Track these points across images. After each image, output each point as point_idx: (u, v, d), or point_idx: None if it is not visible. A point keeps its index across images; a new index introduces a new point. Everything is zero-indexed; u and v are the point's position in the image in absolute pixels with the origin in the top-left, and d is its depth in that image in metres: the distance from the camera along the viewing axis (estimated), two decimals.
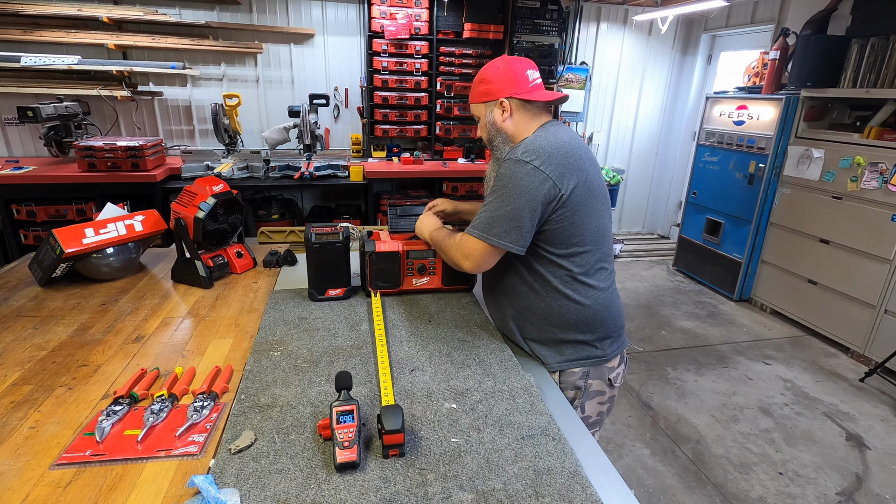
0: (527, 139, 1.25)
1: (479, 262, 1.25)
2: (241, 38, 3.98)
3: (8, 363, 1.16)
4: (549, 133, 1.27)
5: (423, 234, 1.49)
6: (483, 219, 1.22)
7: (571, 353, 1.31)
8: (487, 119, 1.31)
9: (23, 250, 3.25)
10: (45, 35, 3.50)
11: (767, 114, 3.60)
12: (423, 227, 1.49)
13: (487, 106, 1.31)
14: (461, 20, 4.10)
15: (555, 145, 1.22)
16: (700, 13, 4.61)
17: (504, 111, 1.28)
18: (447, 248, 1.34)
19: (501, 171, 1.21)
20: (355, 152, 4.32)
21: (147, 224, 1.72)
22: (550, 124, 1.30)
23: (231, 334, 1.34)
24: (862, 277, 3.10)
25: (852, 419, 2.62)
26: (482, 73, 1.30)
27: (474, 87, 1.33)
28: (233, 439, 0.93)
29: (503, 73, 1.28)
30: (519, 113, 1.29)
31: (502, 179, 1.19)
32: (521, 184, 1.17)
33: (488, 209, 1.22)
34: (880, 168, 2.96)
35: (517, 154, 1.20)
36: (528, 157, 1.18)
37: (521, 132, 1.30)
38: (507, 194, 1.18)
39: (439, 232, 1.43)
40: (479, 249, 1.24)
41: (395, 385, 1.12)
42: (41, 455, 0.89)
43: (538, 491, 0.85)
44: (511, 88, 1.27)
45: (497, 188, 1.20)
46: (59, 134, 3.45)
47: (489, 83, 1.28)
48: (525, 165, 1.17)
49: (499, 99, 1.28)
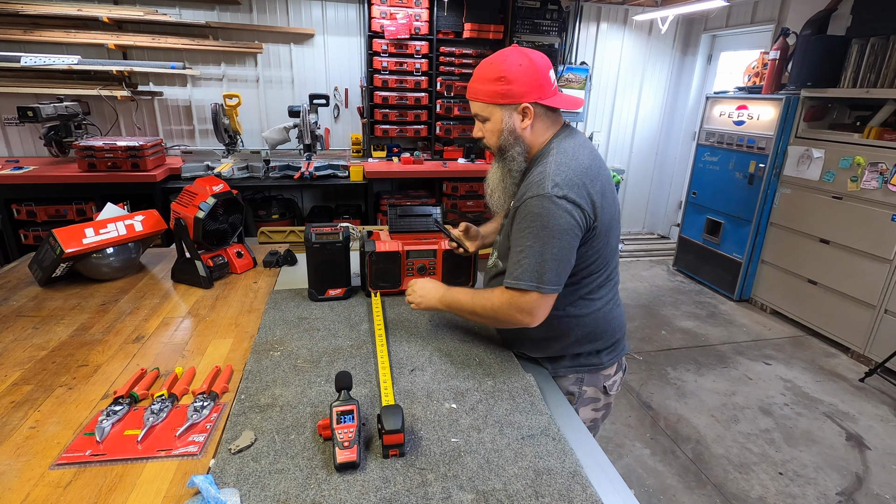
0: (550, 161, 1.12)
1: (540, 313, 1.13)
2: (241, 38, 3.98)
3: (8, 363, 1.16)
4: (569, 150, 1.16)
5: (434, 303, 1.28)
6: (529, 265, 1.08)
7: (567, 362, 1.29)
8: (505, 124, 1.15)
9: (23, 250, 3.25)
10: (45, 35, 3.50)
11: (767, 114, 3.60)
12: (430, 296, 1.29)
13: (504, 109, 1.15)
14: (461, 20, 4.10)
15: (581, 170, 1.12)
16: (700, 13, 4.61)
17: (526, 118, 1.15)
18: (486, 309, 1.17)
19: (532, 208, 1.08)
20: (355, 152, 4.32)
21: (147, 224, 1.72)
22: (566, 135, 1.20)
23: (231, 334, 1.34)
24: (862, 277, 3.10)
25: (852, 419, 2.62)
26: (501, 69, 1.12)
27: (488, 85, 1.14)
28: (233, 439, 0.93)
29: (528, 73, 1.12)
30: (540, 121, 1.17)
31: (538, 219, 1.07)
32: (561, 222, 1.07)
33: (531, 254, 1.08)
34: (880, 168, 2.96)
35: (546, 188, 1.07)
36: (560, 192, 1.07)
37: (538, 142, 1.19)
38: (549, 235, 1.07)
39: (458, 294, 1.25)
40: (538, 301, 1.10)
41: (395, 385, 1.12)
42: (41, 455, 0.89)
43: (538, 491, 0.85)
44: (536, 92, 1.13)
45: (533, 228, 1.08)
46: (59, 134, 3.45)
47: (510, 83, 1.11)
48: (560, 202, 1.06)
49: (522, 104, 1.13)
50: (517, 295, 1.11)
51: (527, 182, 1.14)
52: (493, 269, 1.34)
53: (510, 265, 1.13)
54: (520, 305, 1.11)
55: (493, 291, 1.18)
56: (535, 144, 1.20)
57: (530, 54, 1.14)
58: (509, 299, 1.12)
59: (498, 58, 1.14)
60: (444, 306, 1.27)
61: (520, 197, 1.14)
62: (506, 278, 1.13)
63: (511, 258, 1.13)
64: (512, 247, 1.14)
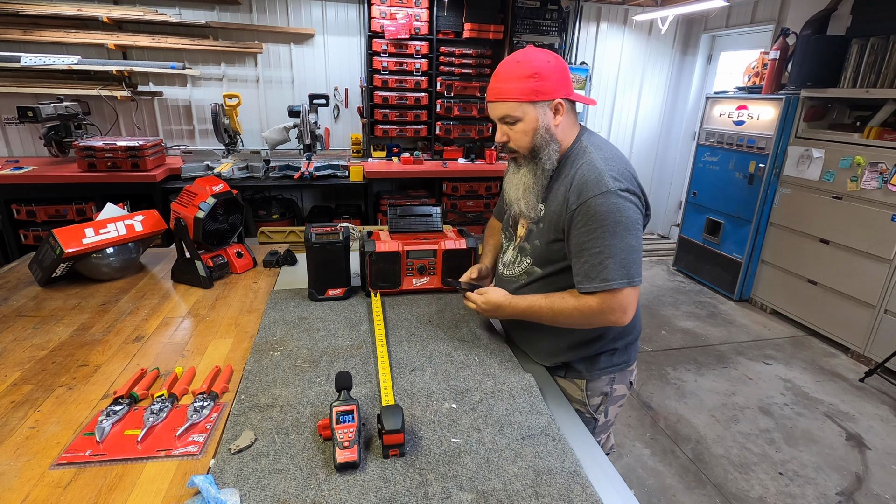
0: (593, 157, 1.13)
1: (633, 308, 1.12)
2: (241, 38, 3.97)
3: (8, 363, 1.16)
4: (603, 145, 1.18)
5: (505, 311, 1.25)
6: (615, 264, 1.07)
7: (604, 362, 1.28)
8: (541, 122, 1.13)
9: (23, 250, 3.25)
10: (45, 35, 3.50)
11: (767, 114, 3.60)
12: (500, 305, 1.24)
13: (538, 107, 1.12)
14: (461, 20, 4.10)
15: (626, 162, 1.15)
16: (700, 13, 4.61)
17: (558, 114, 1.14)
18: (577, 315, 1.14)
19: (599, 207, 1.07)
20: (355, 152, 4.32)
21: (147, 224, 1.72)
22: (590, 132, 1.22)
23: (231, 334, 1.34)
24: (862, 277, 3.10)
25: (852, 419, 2.62)
26: (533, 66, 1.10)
27: (520, 83, 1.11)
28: (233, 439, 0.93)
29: (557, 68, 1.12)
30: (567, 117, 1.17)
31: (609, 216, 1.06)
32: (630, 214, 1.08)
33: (613, 252, 1.07)
34: (880, 168, 2.96)
35: (608, 184, 1.07)
36: (622, 186, 1.08)
37: (567, 139, 1.19)
38: (624, 229, 1.07)
39: (535, 301, 1.20)
40: (631, 295, 1.10)
41: (395, 385, 1.12)
42: (41, 455, 0.89)
43: (538, 491, 0.85)
44: (565, 88, 1.13)
45: (606, 227, 1.07)
46: (59, 134, 3.45)
47: (544, 79, 1.10)
48: (624, 194, 1.08)
49: (555, 99, 1.13)
50: (609, 296, 1.09)
51: (573, 182, 1.13)
52: (523, 277, 1.29)
53: (587, 268, 1.10)
54: (613, 306, 1.10)
55: (565, 296, 1.16)
56: (566, 142, 1.19)
57: (552, 53, 1.15)
58: (601, 302, 1.10)
59: (525, 56, 1.12)
60: (525, 315, 1.23)
61: (576, 199, 1.11)
62: (586, 282, 1.10)
63: (585, 261, 1.10)
64: (579, 250, 1.11)
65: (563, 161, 1.19)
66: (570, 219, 1.12)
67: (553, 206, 1.18)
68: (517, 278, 1.31)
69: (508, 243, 1.38)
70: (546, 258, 1.22)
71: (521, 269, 1.30)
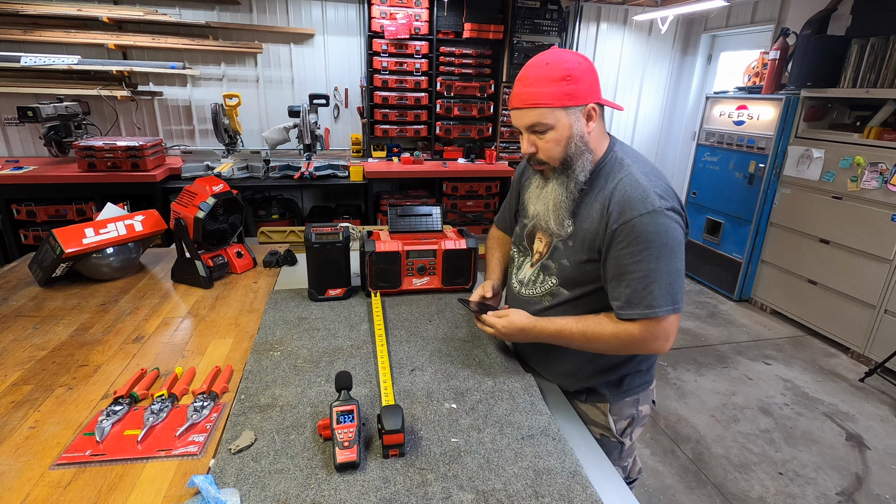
0: (632, 171, 1.05)
1: (674, 335, 1.05)
2: (241, 38, 3.97)
3: (8, 363, 1.16)
4: (639, 156, 1.11)
5: (530, 335, 1.14)
6: (660, 289, 1.00)
7: (629, 383, 1.22)
8: (575, 129, 1.04)
9: (23, 250, 3.25)
10: (45, 35, 3.50)
11: (767, 114, 3.60)
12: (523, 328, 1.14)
13: (571, 113, 1.03)
14: (461, 20, 4.10)
15: (663, 175, 1.08)
16: (700, 13, 4.61)
17: (591, 120, 1.05)
18: (614, 342, 1.07)
19: (646, 227, 0.99)
20: (355, 152, 4.32)
21: (147, 224, 1.72)
22: (620, 142, 1.15)
23: (231, 334, 1.34)
24: (862, 277, 3.10)
25: (852, 419, 2.62)
26: (565, 68, 1.01)
27: (552, 86, 1.01)
28: (233, 439, 0.93)
29: (589, 70, 1.04)
30: (599, 124, 1.08)
31: (656, 238, 0.99)
32: (676, 235, 1.01)
33: (658, 276, 1.00)
34: (880, 168, 2.96)
35: (654, 202, 1.00)
36: (668, 204, 1.01)
37: (599, 148, 1.10)
38: (670, 252, 1.00)
39: (565, 325, 1.11)
40: (674, 323, 1.03)
41: (395, 385, 1.12)
42: (41, 455, 0.89)
43: (538, 491, 0.85)
44: (597, 91, 1.05)
45: (652, 249, 0.99)
46: (59, 134, 3.45)
47: (577, 82, 1.01)
48: (670, 214, 1.00)
49: (590, 104, 1.04)
50: (652, 324, 1.02)
51: (613, 198, 1.04)
52: (546, 299, 1.19)
53: (629, 293, 1.02)
54: (656, 333, 1.03)
55: (601, 320, 1.08)
56: (598, 151, 1.10)
57: (579, 54, 1.08)
58: (644, 329, 1.03)
59: (554, 57, 1.03)
60: (535, 336, 1.14)
61: (617, 217, 1.02)
62: (628, 308, 1.02)
63: (628, 285, 1.02)
64: (620, 273, 1.03)
65: (596, 173, 1.10)
66: (609, 239, 1.03)
67: (586, 222, 1.09)
68: (539, 299, 1.20)
69: (523, 258, 1.28)
70: (575, 280, 1.13)
71: (543, 289, 1.19)
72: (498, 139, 4.51)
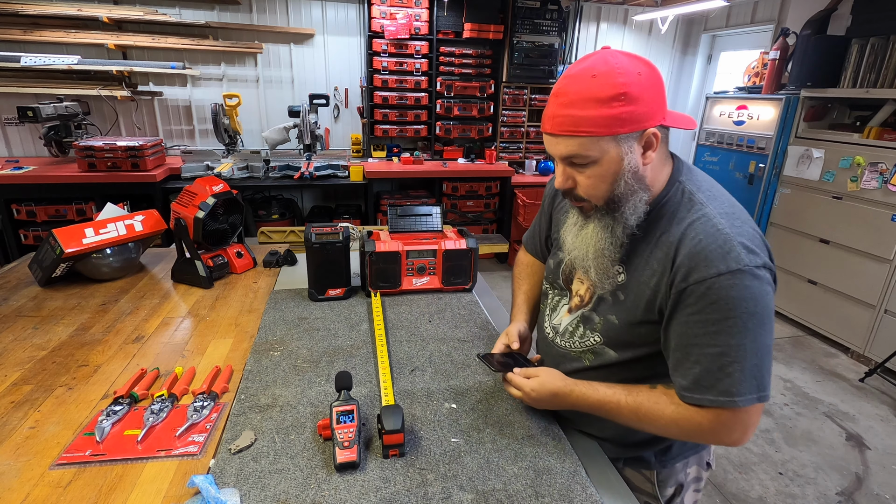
0: (708, 212, 0.83)
1: (755, 427, 0.83)
2: (241, 38, 3.98)
3: (8, 363, 1.16)
4: (715, 191, 0.88)
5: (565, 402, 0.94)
6: (743, 373, 0.78)
7: (678, 448, 1.05)
8: (627, 164, 0.81)
9: (23, 250, 3.25)
10: (45, 35, 3.50)
11: (767, 114, 3.60)
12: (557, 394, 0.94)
13: (622, 142, 0.79)
14: (461, 20, 4.10)
15: (746, 214, 0.85)
16: (700, 13, 4.61)
17: (649, 149, 0.82)
18: (674, 428, 0.86)
19: (728, 291, 0.77)
20: (355, 152, 4.32)
21: (147, 224, 1.71)
22: (688, 166, 0.92)
23: (231, 334, 1.34)
24: (862, 277, 3.10)
25: (852, 419, 2.62)
26: (618, 83, 0.76)
27: (597, 108, 0.77)
28: (233, 439, 0.93)
29: (651, 83, 0.79)
30: (661, 150, 0.85)
31: (741, 305, 0.76)
32: (768, 301, 0.79)
33: (742, 356, 0.78)
34: (880, 168, 2.96)
35: (742, 258, 0.77)
36: (759, 260, 0.78)
37: (658, 181, 0.88)
38: (758, 324, 0.78)
39: (611, 396, 0.90)
40: (758, 413, 0.81)
41: (395, 385, 1.12)
42: (41, 455, 0.88)
43: (538, 491, 0.85)
44: (662, 110, 0.81)
45: (736, 319, 0.77)
46: (59, 134, 3.45)
47: (634, 102, 0.77)
48: (761, 274, 0.78)
49: (648, 129, 0.80)
50: (728, 414, 0.80)
51: (682, 247, 0.82)
52: (588, 357, 0.99)
53: (699, 372, 0.80)
54: (732, 425, 0.81)
55: (658, 397, 0.86)
56: (657, 185, 0.88)
57: (638, 58, 0.81)
58: (716, 419, 0.81)
59: (606, 66, 0.77)
60: (572, 403, 0.93)
61: (687, 273, 0.80)
62: (697, 391, 0.81)
63: (697, 362, 0.81)
64: (688, 345, 0.82)
65: (656, 212, 0.88)
66: (675, 300, 0.82)
67: (643, 274, 0.88)
68: (579, 356, 1.00)
69: (559, 298, 1.08)
70: (626, 341, 0.93)
71: (584, 345, 0.99)
72: (498, 139, 4.51)
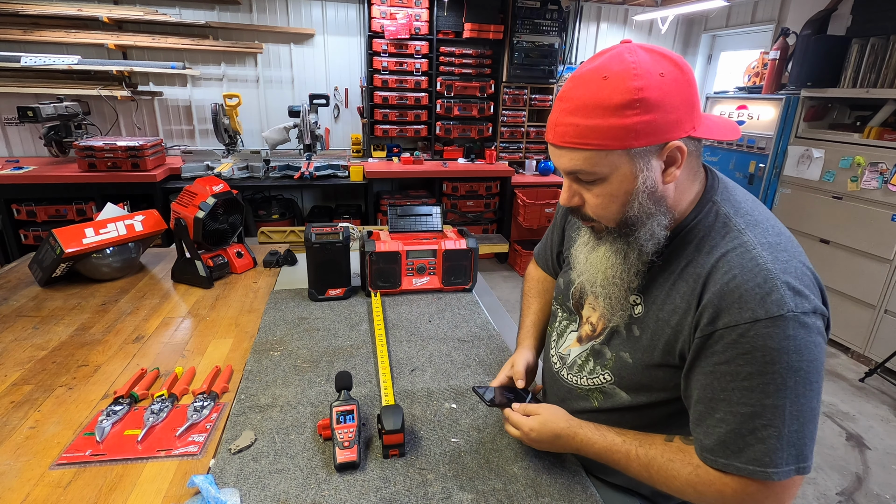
0: (747, 240, 0.70)
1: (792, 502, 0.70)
2: (241, 38, 3.97)
3: (8, 363, 1.16)
4: (753, 206, 0.77)
5: (568, 446, 0.84)
6: (779, 440, 0.65)
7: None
8: (642, 183, 0.69)
9: (23, 250, 3.25)
10: (45, 35, 3.50)
11: (767, 114, 3.60)
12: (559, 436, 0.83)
13: (637, 157, 0.67)
14: (461, 20, 4.10)
15: (793, 241, 0.73)
16: (700, 13, 4.61)
17: (672, 165, 0.70)
18: (690, 492, 0.73)
19: (766, 341, 0.64)
20: (355, 152, 4.32)
21: (147, 224, 1.72)
22: (723, 181, 0.80)
23: (231, 334, 1.34)
24: (862, 277, 3.10)
25: (852, 419, 2.62)
26: (632, 86, 0.64)
27: (606, 117, 0.65)
28: (233, 439, 0.93)
29: (676, 85, 0.66)
30: (689, 164, 0.72)
31: (782, 359, 0.64)
32: (817, 353, 0.66)
33: (779, 420, 0.65)
34: (880, 168, 2.95)
35: (786, 302, 0.64)
36: (808, 304, 0.66)
37: (683, 200, 0.75)
38: (803, 382, 0.65)
39: (620, 445, 0.78)
40: (795, 486, 0.68)
41: (395, 385, 1.12)
42: (41, 455, 0.89)
43: (538, 491, 0.85)
44: (689, 117, 0.68)
45: (775, 375, 0.64)
46: (59, 134, 3.45)
47: (654, 109, 0.64)
48: (810, 321, 0.65)
49: (674, 141, 0.67)
50: (758, 487, 0.67)
51: (711, 282, 0.70)
52: (596, 397, 0.88)
53: (725, 433, 0.68)
54: (761, 499, 0.68)
55: (673, 454, 0.74)
56: (682, 205, 0.75)
57: (663, 54, 0.67)
58: (743, 490, 0.68)
59: (619, 64, 0.65)
60: (575, 447, 0.83)
61: (716, 314, 0.67)
62: (721, 454, 0.68)
63: (723, 419, 0.68)
64: (713, 399, 0.69)
65: (682, 237, 0.76)
66: (700, 344, 0.70)
67: (663, 310, 0.76)
68: (586, 394, 0.89)
69: (567, 322, 0.97)
70: (640, 384, 0.81)
71: (592, 382, 0.88)
72: (498, 139, 4.51)
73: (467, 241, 1.57)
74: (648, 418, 0.82)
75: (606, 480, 0.92)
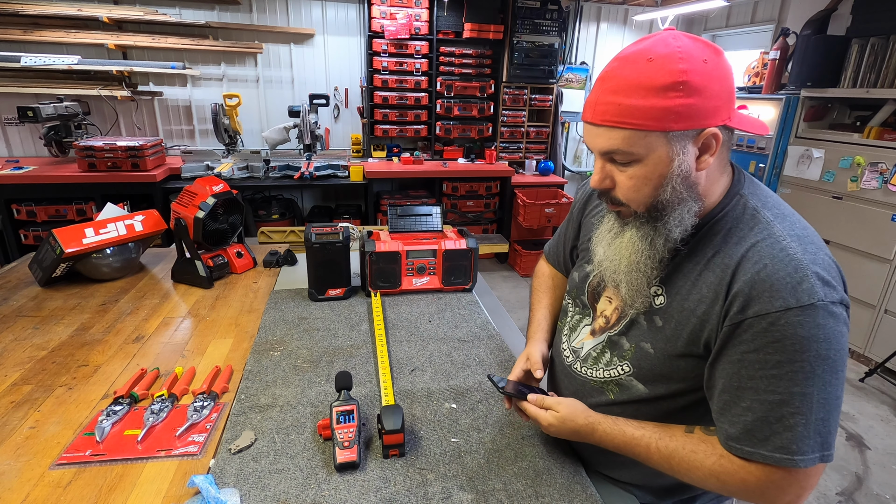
0: (775, 232, 0.72)
1: (812, 488, 0.71)
2: (241, 38, 3.97)
3: (8, 363, 1.16)
4: (779, 202, 0.78)
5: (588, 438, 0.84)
6: (806, 427, 0.66)
7: (703, 499, 0.95)
8: (677, 166, 0.70)
9: (23, 250, 3.25)
10: (45, 35, 3.50)
11: (767, 114, 3.60)
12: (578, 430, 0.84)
13: (675, 140, 0.69)
14: (461, 20, 4.10)
15: (818, 237, 0.75)
16: (700, 13, 4.61)
17: (706, 152, 0.71)
18: (713, 482, 0.74)
19: (796, 329, 0.65)
20: (355, 152, 4.32)
21: (147, 224, 1.72)
22: (749, 177, 0.81)
23: (231, 334, 1.34)
24: (862, 277, 3.10)
25: (852, 419, 2.62)
26: (677, 69, 0.65)
27: (648, 97, 0.67)
28: (233, 439, 0.93)
29: (718, 72, 0.68)
30: (721, 154, 0.74)
31: (811, 347, 0.65)
32: (843, 342, 0.67)
33: (807, 407, 0.66)
34: (880, 168, 2.95)
35: (816, 292, 0.66)
36: (836, 295, 0.67)
37: (713, 191, 0.77)
38: (831, 370, 0.66)
39: (641, 436, 0.79)
40: (818, 474, 0.69)
41: (395, 385, 1.12)
42: (41, 455, 0.89)
43: (538, 491, 0.85)
44: (727, 106, 0.70)
45: (804, 363, 0.66)
46: (59, 134, 3.45)
47: (696, 93, 0.66)
48: (837, 311, 0.67)
49: (710, 128, 0.69)
50: (783, 474, 0.68)
51: (740, 272, 0.71)
52: (611, 390, 0.87)
53: (752, 422, 0.69)
54: (785, 486, 0.69)
55: (696, 445, 0.75)
56: (712, 196, 0.77)
57: (705, 43, 0.70)
58: (767, 477, 0.69)
59: (664, 48, 0.67)
60: (596, 440, 0.83)
61: (746, 303, 0.69)
62: (747, 443, 0.69)
63: (749, 408, 0.69)
64: (740, 388, 0.70)
65: (709, 227, 0.77)
66: (728, 333, 0.71)
67: (689, 300, 0.76)
68: (601, 387, 0.89)
69: (580, 316, 0.97)
70: (660, 375, 0.81)
71: (608, 374, 0.88)
72: (498, 139, 4.51)
73: (467, 241, 1.57)
74: (664, 410, 0.83)
75: (610, 476, 0.93)
